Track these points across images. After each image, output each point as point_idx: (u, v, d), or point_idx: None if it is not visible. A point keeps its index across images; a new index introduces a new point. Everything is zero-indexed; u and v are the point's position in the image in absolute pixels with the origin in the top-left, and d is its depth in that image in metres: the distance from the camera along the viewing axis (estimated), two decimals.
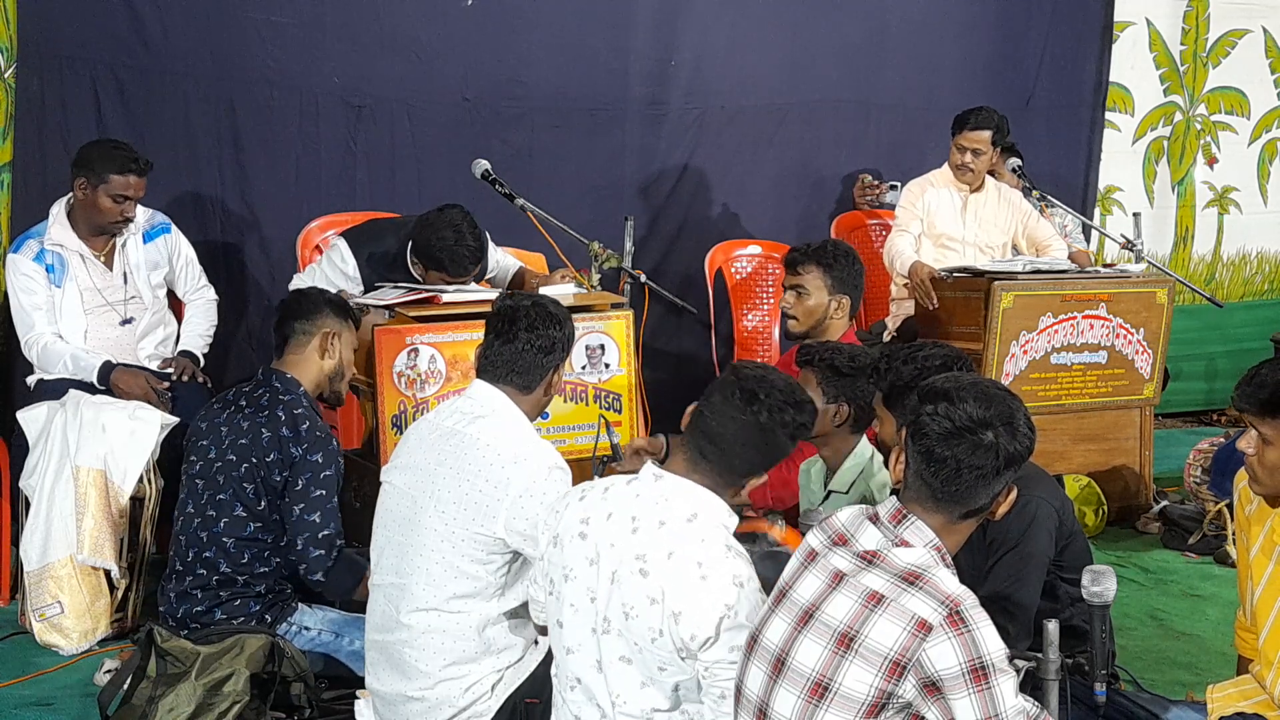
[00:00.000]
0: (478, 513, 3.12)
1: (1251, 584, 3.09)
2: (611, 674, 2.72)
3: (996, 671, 2.33)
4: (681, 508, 2.70)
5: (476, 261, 4.71)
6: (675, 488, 2.72)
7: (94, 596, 4.17)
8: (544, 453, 3.19)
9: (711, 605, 2.60)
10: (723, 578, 2.61)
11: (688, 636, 2.61)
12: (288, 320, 3.92)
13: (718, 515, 2.71)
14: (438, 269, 4.66)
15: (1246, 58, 7.83)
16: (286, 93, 5.56)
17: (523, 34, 5.94)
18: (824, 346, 3.99)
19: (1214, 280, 7.88)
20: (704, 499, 2.71)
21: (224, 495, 3.75)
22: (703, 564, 2.62)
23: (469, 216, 4.67)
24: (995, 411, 2.47)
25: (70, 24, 5.14)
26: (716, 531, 2.69)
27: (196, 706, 3.42)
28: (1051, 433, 5.43)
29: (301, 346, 3.89)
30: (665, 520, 2.68)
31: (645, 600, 2.64)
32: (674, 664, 2.65)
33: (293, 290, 4.13)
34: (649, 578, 2.64)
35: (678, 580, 2.62)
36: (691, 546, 2.64)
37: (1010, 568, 3.21)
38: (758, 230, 6.55)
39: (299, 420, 3.74)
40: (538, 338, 3.29)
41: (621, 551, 2.70)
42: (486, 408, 3.25)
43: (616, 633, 2.69)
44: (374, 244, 4.82)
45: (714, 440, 2.73)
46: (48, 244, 4.63)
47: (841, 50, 6.65)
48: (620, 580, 2.68)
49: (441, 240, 4.60)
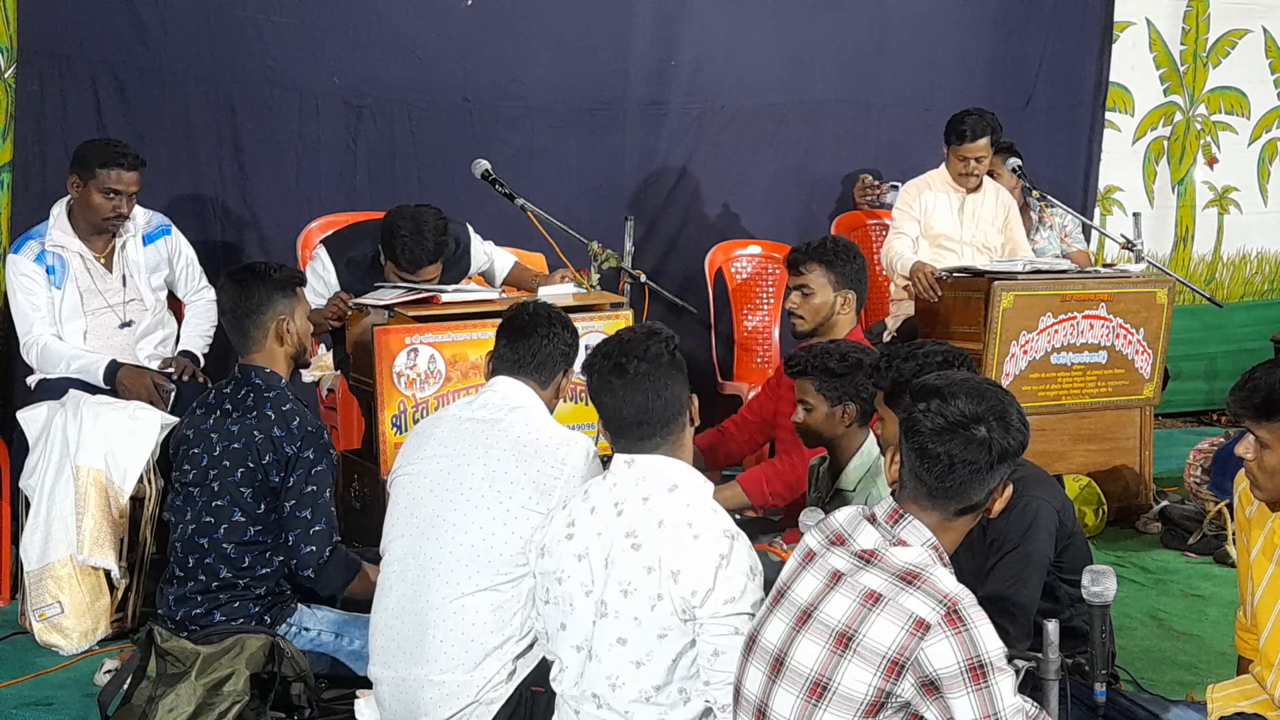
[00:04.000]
0: (534, 490, 3.18)
1: (1252, 585, 3.09)
2: (607, 658, 2.75)
3: (995, 670, 2.33)
4: (661, 481, 2.81)
5: (430, 262, 4.68)
6: (648, 466, 2.84)
7: (94, 596, 4.17)
8: (585, 440, 3.30)
9: (707, 556, 2.70)
10: (713, 532, 2.73)
11: (688, 593, 2.68)
12: (242, 318, 3.79)
13: (696, 481, 2.84)
14: (392, 259, 4.66)
15: (1246, 58, 7.82)
16: (286, 93, 5.56)
17: (523, 34, 5.94)
18: (812, 352, 3.97)
19: (1214, 280, 7.88)
20: (680, 470, 2.84)
21: (221, 502, 3.71)
22: (693, 524, 2.74)
23: (442, 220, 4.67)
24: (987, 406, 2.48)
25: (70, 24, 5.14)
26: (699, 496, 2.82)
27: (196, 706, 3.41)
28: (1051, 433, 5.44)
29: (262, 341, 3.80)
30: (648, 495, 2.80)
31: (642, 570, 2.72)
32: (675, 628, 2.71)
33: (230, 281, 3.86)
34: (642, 550, 2.73)
35: (671, 543, 2.72)
36: (679, 511, 2.76)
37: (1010, 568, 3.21)
38: (758, 230, 6.55)
39: (289, 417, 3.70)
40: (555, 335, 3.42)
41: (610, 536, 2.78)
42: (517, 400, 3.34)
43: (614, 614, 2.75)
44: (352, 249, 4.83)
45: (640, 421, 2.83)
46: (48, 245, 4.63)
47: (841, 50, 6.65)
48: (613, 562, 2.76)
49: (399, 231, 4.61)
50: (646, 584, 2.71)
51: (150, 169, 4.93)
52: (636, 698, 2.74)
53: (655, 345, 2.87)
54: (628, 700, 2.74)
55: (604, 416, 2.91)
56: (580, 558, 2.81)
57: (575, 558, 2.82)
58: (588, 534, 2.82)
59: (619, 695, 2.75)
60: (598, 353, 2.93)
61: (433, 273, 4.72)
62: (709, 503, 2.82)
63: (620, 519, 2.79)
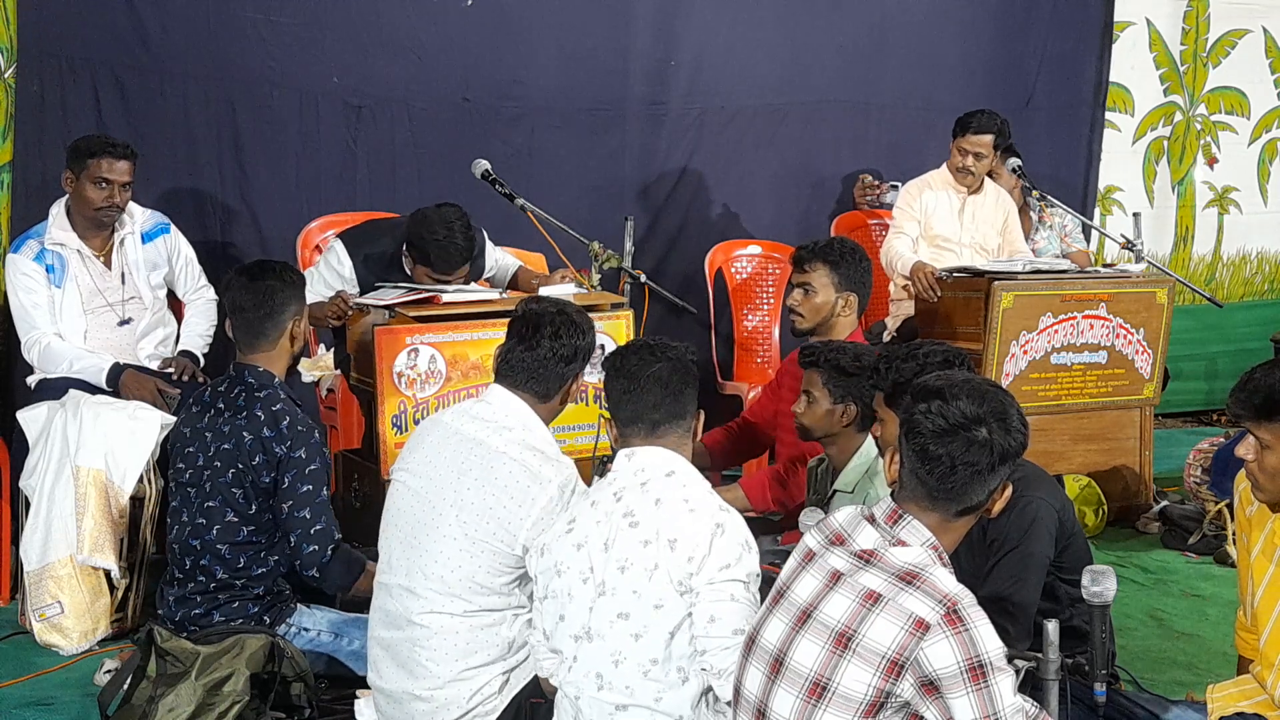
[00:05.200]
0: (499, 527, 3.14)
1: (1252, 586, 3.09)
2: (609, 635, 2.80)
3: (994, 670, 2.33)
4: (659, 468, 2.90)
5: (464, 262, 4.69)
6: (648, 456, 2.93)
7: (94, 596, 4.17)
8: (567, 473, 3.21)
9: (703, 524, 2.78)
10: (709, 506, 2.83)
11: (684, 559, 2.75)
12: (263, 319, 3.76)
13: (692, 471, 2.94)
14: (425, 264, 4.66)
15: (1246, 58, 7.82)
16: (286, 93, 5.56)
17: (523, 34, 5.94)
18: (828, 346, 3.99)
19: (1214, 280, 7.88)
20: (677, 460, 2.93)
21: (213, 503, 3.71)
22: (689, 500, 2.84)
23: (465, 217, 4.67)
24: (988, 408, 2.48)
25: (70, 24, 5.14)
26: (696, 480, 2.91)
27: (196, 706, 3.41)
28: (1051, 433, 5.44)
29: (276, 340, 3.78)
30: (646, 481, 2.87)
31: (639, 545, 2.79)
32: (669, 600, 2.76)
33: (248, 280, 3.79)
34: (640, 526, 2.81)
35: (669, 516, 2.80)
36: (676, 490, 2.85)
37: (1010, 568, 3.21)
38: (758, 230, 6.55)
39: (279, 417, 3.67)
40: (561, 346, 3.31)
41: (609, 522, 2.85)
42: (509, 419, 3.27)
43: (612, 591, 2.80)
44: (370, 245, 4.82)
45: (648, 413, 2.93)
46: (48, 244, 4.63)
47: (841, 50, 6.65)
48: (612, 543, 2.82)
49: (432, 234, 4.61)
50: (643, 556, 2.77)
51: (150, 169, 4.94)
52: (635, 672, 2.76)
53: (679, 352, 3.01)
54: (629, 675, 2.76)
55: (613, 403, 2.99)
56: (579, 546, 2.86)
57: (574, 547, 2.87)
58: (588, 525, 2.88)
59: (620, 671, 2.78)
60: (627, 346, 3.08)
61: (465, 270, 4.73)
62: (705, 486, 2.90)
63: (619, 504, 2.86)
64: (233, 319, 3.83)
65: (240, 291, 3.79)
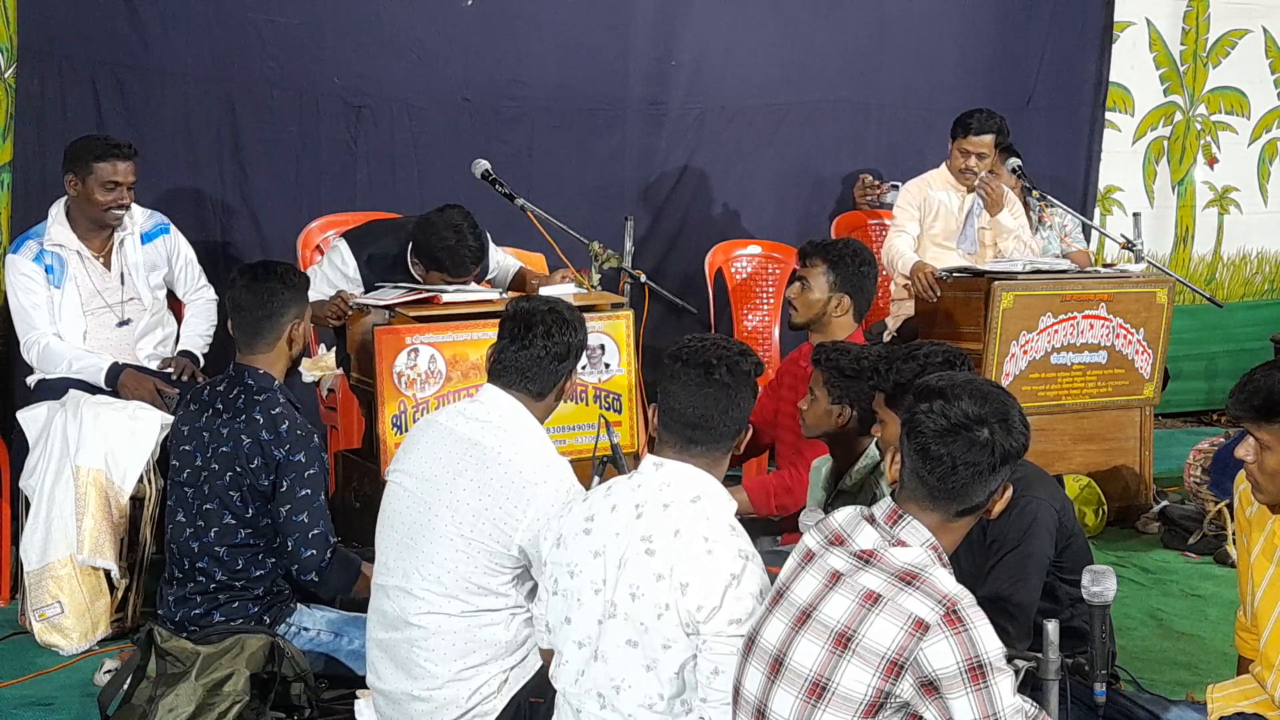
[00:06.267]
0: (494, 529, 3.13)
1: (1252, 586, 3.09)
2: (615, 659, 2.74)
3: (994, 670, 2.33)
4: (685, 490, 2.76)
5: (478, 261, 4.72)
6: (676, 472, 2.79)
7: (94, 596, 4.17)
8: (562, 474, 3.19)
9: (717, 574, 2.65)
10: (728, 550, 2.68)
11: (694, 607, 2.65)
12: (262, 320, 3.75)
13: (720, 497, 2.79)
14: (438, 269, 4.67)
15: (1246, 58, 7.82)
16: (286, 93, 5.56)
17: (523, 34, 5.94)
18: (833, 347, 4.02)
19: (1214, 280, 7.88)
20: (706, 483, 2.79)
21: (211, 505, 3.70)
22: (709, 538, 2.69)
23: (469, 217, 4.68)
24: (990, 408, 2.48)
25: (70, 24, 5.14)
26: (721, 512, 2.76)
27: (196, 706, 3.41)
28: (1051, 433, 5.44)
29: (275, 342, 3.78)
30: (669, 503, 2.75)
31: (652, 577, 2.69)
32: (679, 640, 2.68)
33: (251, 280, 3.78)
34: (655, 556, 2.70)
35: (685, 555, 2.68)
36: (697, 524, 2.72)
37: (1010, 569, 3.21)
38: (758, 230, 6.56)
39: (277, 421, 3.66)
40: (554, 344, 3.29)
41: (627, 537, 2.75)
42: (504, 419, 3.25)
43: (623, 616, 2.72)
44: (374, 245, 4.83)
45: (697, 424, 2.79)
46: (47, 244, 4.63)
47: (841, 50, 6.65)
48: (626, 563, 2.73)
49: (442, 240, 4.62)
50: (655, 591, 2.68)
51: (150, 169, 4.94)
52: (641, 702, 2.73)
53: (745, 364, 2.85)
54: (633, 704, 2.74)
55: (665, 407, 2.85)
56: (596, 554, 2.78)
57: (591, 554, 2.79)
58: (605, 532, 2.79)
59: (624, 698, 2.74)
60: (688, 345, 2.88)
61: (477, 271, 4.74)
62: (729, 520, 2.76)
63: (639, 521, 2.75)
64: (233, 318, 3.84)
65: (242, 291, 3.79)
